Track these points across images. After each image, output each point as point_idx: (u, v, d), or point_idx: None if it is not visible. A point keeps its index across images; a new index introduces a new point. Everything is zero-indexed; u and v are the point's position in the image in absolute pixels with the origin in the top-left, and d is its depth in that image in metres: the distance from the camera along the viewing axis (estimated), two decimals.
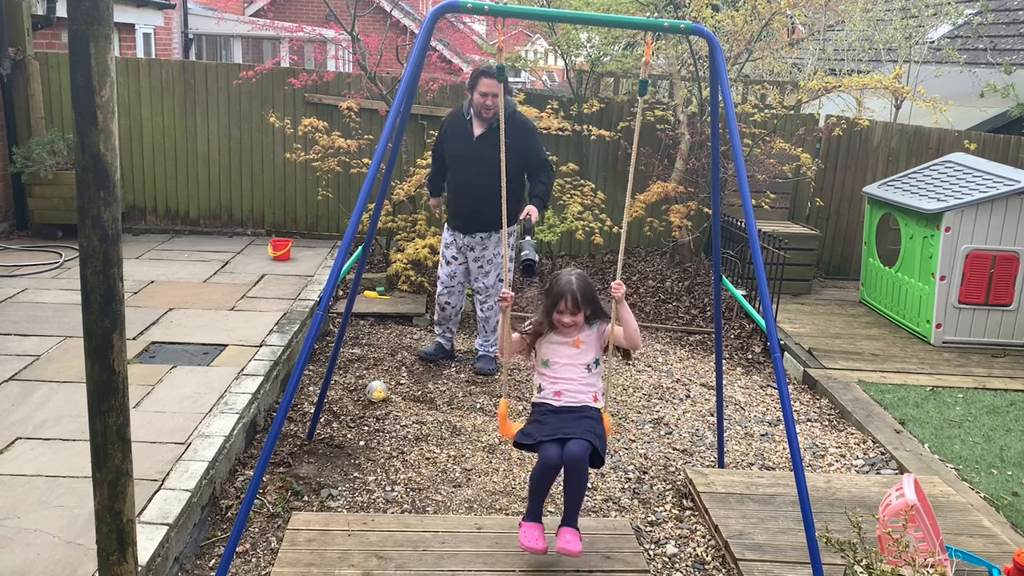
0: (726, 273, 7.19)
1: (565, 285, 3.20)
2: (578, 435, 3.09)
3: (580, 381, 3.28)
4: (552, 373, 3.29)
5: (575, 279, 3.23)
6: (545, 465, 3.10)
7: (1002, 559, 3.33)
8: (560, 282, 3.23)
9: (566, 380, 3.27)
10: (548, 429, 3.15)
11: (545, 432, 3.14)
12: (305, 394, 4.92)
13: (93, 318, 2.21)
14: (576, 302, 3.20)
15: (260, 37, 16.34)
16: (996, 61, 10.24)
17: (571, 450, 3.06)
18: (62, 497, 3.20)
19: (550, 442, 3.10)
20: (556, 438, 3.11)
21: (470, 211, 5.20)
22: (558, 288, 3.21)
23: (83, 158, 2.13)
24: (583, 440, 3.07)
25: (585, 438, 3.08)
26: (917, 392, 5.45)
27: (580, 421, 3.17)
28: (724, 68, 3.29)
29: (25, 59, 7.36)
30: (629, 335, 3.25)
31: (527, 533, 3.17)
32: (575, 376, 3.28)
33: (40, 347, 4.75)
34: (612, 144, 7.99)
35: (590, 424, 3.17)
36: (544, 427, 3.17)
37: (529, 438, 3.17)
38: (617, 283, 3.20)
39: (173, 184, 8.10)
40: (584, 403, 3.26)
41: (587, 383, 3.29)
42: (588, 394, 3.28)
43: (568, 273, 3.27)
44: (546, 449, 3.09)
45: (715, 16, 7.10)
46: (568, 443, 3.08)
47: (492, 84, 4.94)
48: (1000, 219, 6.22)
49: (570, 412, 3.22)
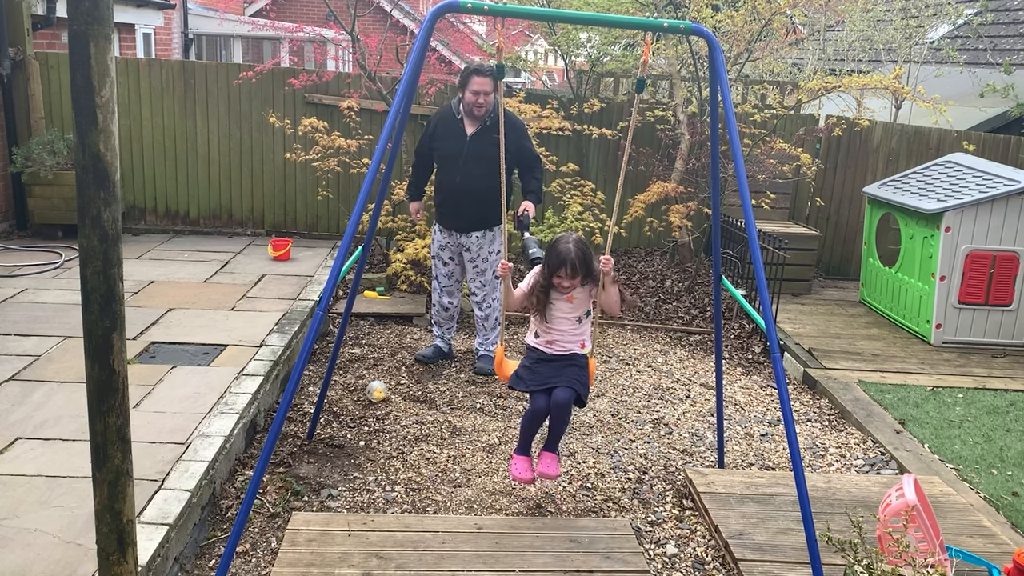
0: (726, 273, 7.19)
1: (565, 253, 3.45)
2: (564, 383, 3.53)
3: (570, 332, 3.62)
4: (546, 324, 3.61)
5: (573, 247, 3.47)
6: (535, 411, 3.60)
7: (1002, 559, 3.33)
8: (560, 250, 3.47)
9: (559, 331, 3.61)
10: (539, 378, 3.58)
11: (536, 380, 3.58)
12: (305, 394, 4.92)
13: (93, 318, 2.21)
14: (575, 268, 3.47)
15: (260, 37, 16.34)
16: (996, 61, 10.24)
17: (557, 397, 3.52)
18: (62, 497, 3.20)
19: (539, 391, 3.56)
20: (545, 388, 3.55)
21: (467, 211, 5.18)
22: (559, 255, 3.46)
23: (83, 158, 2.13)
24: (568, 388, 3.53)
25: (570, 386, 3.53)
26: (917, 392, 5.45)
27: (567, 369, 3.58)
28: (724, 68, 3.29)
29: (25, 59, 7.36)
30: (608, 303, 3.62)
31: (517, 465, 3.66)
32: (566, 328, 3.61)
33: (40, 347, 4.75)
34: (612, 144, 8.00)
35: (575, 372, 3.59)
36: (535, 375, 3.60)
37: (522, 383, 3.63)
38: (606, 258, 3.50)
39: (173, 184, 8.10)
40: (572, 351, 3.63)
41: (576, 332, 3.64)
42: (576, 342, 3.64)
43: (567, 240, 3.50)
44: (536, 398, 3.59)
45: (715, 16, 7.10)
46: (555, 391, 3.53)
47: (484, 82, 4.93)
48: (1000, 219, 6.22)
49: (559, 360, 3.61)
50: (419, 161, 5.42)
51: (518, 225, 4.85)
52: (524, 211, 4.91)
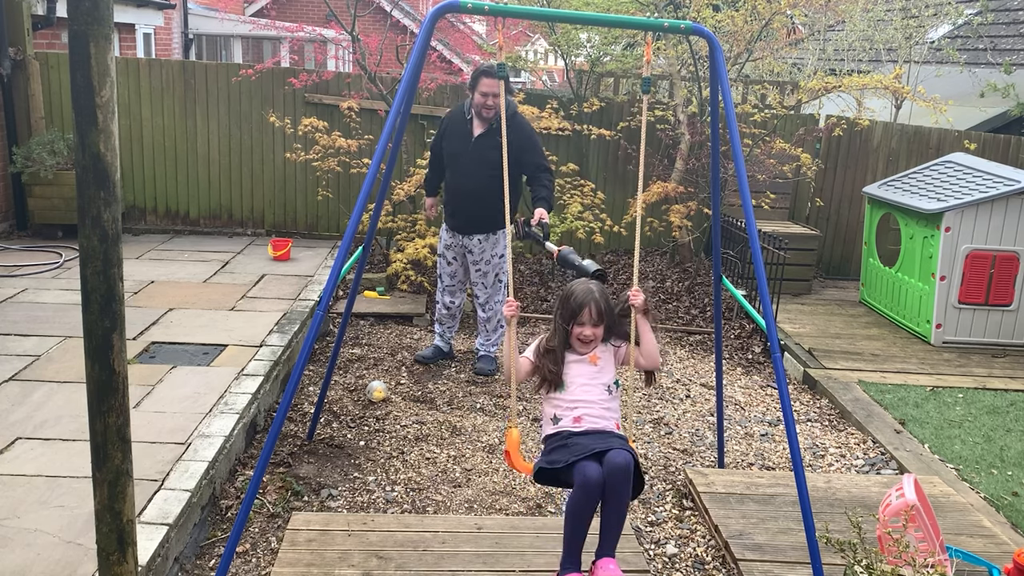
0: (726, 273, 7.19)
1: (586, 295, 2.87)
2: (617, 446, 2.72)
3: (601, 404, 2.86)
4: (569, 397, 2.86)
5: (595, 288, 2.91)
6: (586, 486, 2.65)
7: (1002, 559, 3.33)
8: (579, 292, 2.89)
9: (586, 403, 2.84)
10: (578, 448, 2.72)
11: (575, 452, 2.71)
12: (305, 394, 4.92)
13: (93, 318, 2.21)
14: (600, 313, 2.86)
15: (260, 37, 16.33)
16: (996, 61, 10.24)
17: (614, 459, 2.65)
18: (62, 497, 3.20)
19: (585, 459, 2.67)
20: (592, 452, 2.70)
21: (468, 212, 5.18)
22: (578, 299, 2.87)
23: (83, 158, 2.12)
24: (624, 451, 2.70)
25: (626, 448, 2.73)
26: (917, 392, 5.45)
27: (611, 439, 2.78)
28: (724, 68, 3.29)
29: (25, 59, 7.36)
30: (648, 352, 2.92)
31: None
32: (595, 399, 2.86)
33: (40, 347, 4.75)
34: (612, 144, 7.99)
35: (622, 442, 2.80)
36: (572, 447, 2.74)
37: (558, 462, 2.74)
38: (635, 290, 2.88)
39: (173, 184, 8.09)
40: (608, 429, 2.84)
41: (608, 407, 2.87)
42: (611, 420, 2.86)
43: (585, 282, 2.97)
44: (583, 467, 2.65)
45: (715, 16, 7.10)
46: (609, 453, 2.68)
47: (493, 84, 4.92)
48: (1000, 219, 6.22)
49: (596, 433, 2.80)
50: (433, 158, 5.45)
51: (525, 234, 4.46)
52: (540, 219, 4.62)
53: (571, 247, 3.73)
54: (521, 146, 5.04)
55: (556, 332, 2.91)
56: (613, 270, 7.76)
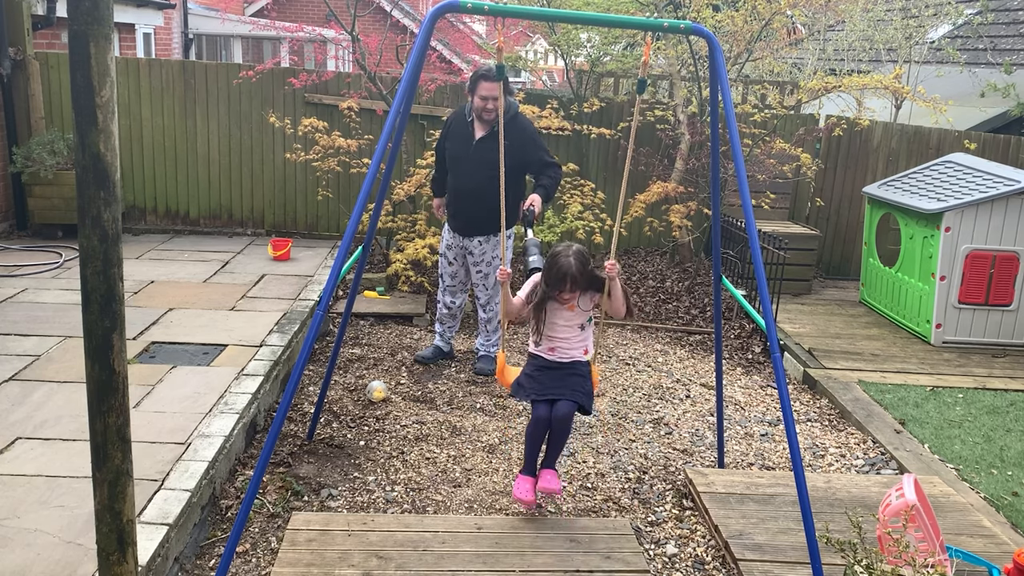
0: (726, 273, 7.19)
1: (565, 268, 3.42)
2: (566, 395, 3.50)
3: (573, 339, 3.60)
4: (548, 332, 3.58)
5: (574, 260, 3.43)
6: (537, 420, 3.53)
7: (1002, 559, 3.33)
8: (560, 264, 3.43)
9: (561, 339, 3.59)
10: (540, 387, 3.54)
11: (537, 389, 3.54)
12: (305, 394, 4.92)
13: (93, 318, 2.21)
14: (576, 283, 3.45)
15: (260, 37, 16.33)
16: (996, 61, 10.24)
17: (558, 410, 3.48)
18: (62, 497, 3.20)
19: (541, 401, 3.52)
20: (546, 398, 3.51)
21: (469, 215, 5.18)
22: (559, 271, 3.43)
23: (83, 158, 2.13)
24: (570, 401, 3.50)
25: (572, 399, 3.50)
26: (917, 392, 5.45)
27: (569, 379, 3.55)
28: (724, 68, 3.29)
29: (25, 59, 7.36)
30: (616, 308, 3.59)
31: (521, 485, 3.59)
32: (569, 335, 3.59)
33: (40, 347, 4.75)
34: (612, 144, 7.99)
35: (578, 381, 3.56)
36: (537, 384, 3.56)
37: (523, 392, 3.60)
38: (611, 263, 3.49)
39: (173, 184, 8.09)
40: (574, 358, 3.59)
41: (578, 340, 3.61)
42: (579, 349, 3.61)
43: (566, 254, 3.45)
44: (537, 408, 3.53)
45: (715, 16, 7.10)
46: (556, 404, 3.49)
47: (492, 87, 4.90)
48: (1000, 219, 6.22)
49: (561, 368, 3.58)
50: (438, 159, 5.45)
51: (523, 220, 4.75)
52: (530, 205, 4.82)
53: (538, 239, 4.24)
54: (524, 146, 5.03)
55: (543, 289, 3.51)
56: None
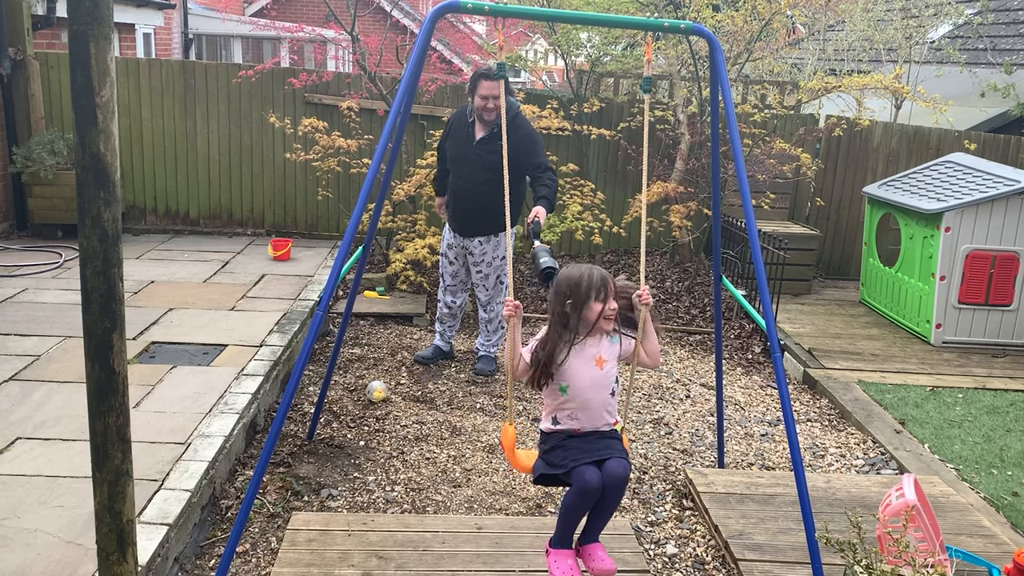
0: (726, 273, 7.19)
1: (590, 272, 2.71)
2: (615, 455, 2.76)
3: (603, 408, 2.82)
4: (573, 403, 2.79)
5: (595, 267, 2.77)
6: (585, 491, 2.71)
7: (1002, 559, 3.33)
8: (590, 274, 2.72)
9: (589, 412, 2.81)
10: (576, 453, 2.76)
11: (574, 456, 2.75)
12: (305, 394, 4.92)
13: (93, 318, 2.21)
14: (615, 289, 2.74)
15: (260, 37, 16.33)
16: (996, 61, 10.25)
17: (613, 470, 2.70)
18: (62, 497, 3.20)
19: (586, 465, 2.72)
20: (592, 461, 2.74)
21: (468, 215, 5.18)
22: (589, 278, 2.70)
23: (83, 158, 2.12)
24: (622, 459, 2.76)
25: (622, 457, 2.78)
26: (917, 392, 5.45)
27: (606, 441, 2.82)
28: (724, 68, 3.29)
29: (25, 59, 7.36)
30: (652, 351, 2.89)
31: (561, 564, 2.84)
32: (598, 404, 2.81)
33: (40, 347, 4.75)
34: (612, 144, 7.99)
35: (617, 444, 2.84)
36: (570, 451, 2.78)
37: (558, 467, 2.77)
38: (645, 289, 2.80)
39: (173, 184, 8.09)
40: (605, 426, 2.87)
41: (610, 409, 2.86)
42: (610, 420, 2.88)
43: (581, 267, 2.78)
44: (584, 473, 2.70)
45: (715, 16, 7.10)
46: (608, 463, 2.73)
47: (492, 87, 4.91)
48: (1000, 219, 6.22)
49: (592, 435, 2.83)
50: (440, 159, 5.46)
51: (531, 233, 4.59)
52: (535, 217, 4.67)
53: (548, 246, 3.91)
54: (522, 148, 5.03)
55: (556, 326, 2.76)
56: (613, 270, 7.76)
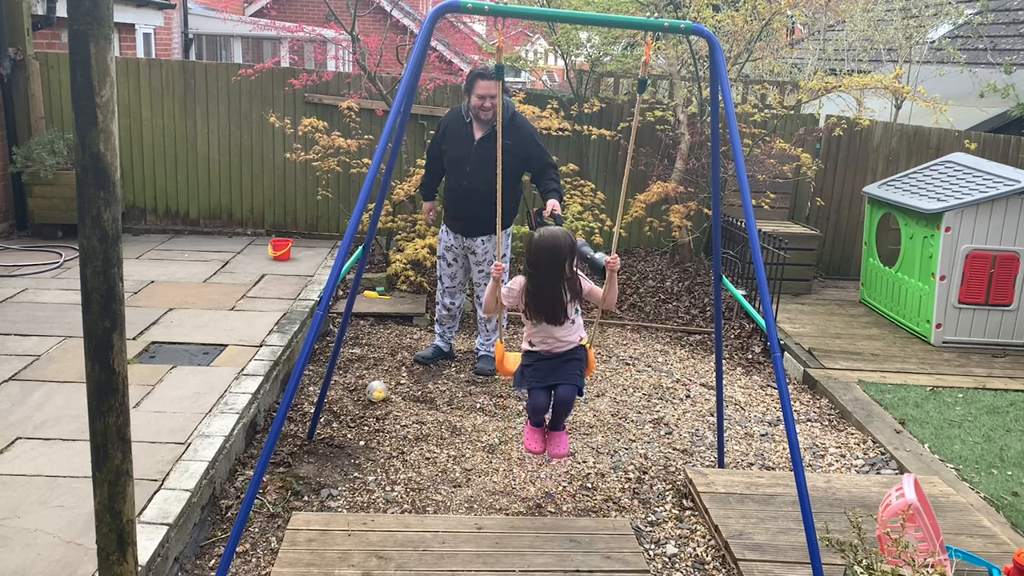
0: (726, 273, 7.19)
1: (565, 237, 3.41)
2: (567, 381, 3.53)
3: (566, 333, 3.56)
4: (541, 331, 3.55)
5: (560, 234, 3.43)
6: (535, 405, 3.60)
7: (1002, 559, 3.33)
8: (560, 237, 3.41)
9: (556, 339, 3.54)
10: (539, 375, 3.57)
11: (537, 377, 3.57)
12: (305, 394, 4.92)
13: (93, 318, 2.21)
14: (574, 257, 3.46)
15: (260, 37, 16.33)
16: (996, 61, 10.25)
17: (560, 394, 3.55)
18: (62, 497, 3.21)
19: (540, 389, 3.56)
20: (545, 385, 3.55)
21: (473, 215, 5.16)
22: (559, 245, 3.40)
23: (83, 158, 2.12)
24: (570, 385, 3.54)
25: (571, 383, 3.54)
26: (917, 392, 5.45)
27: (567, 365, 3.56)
28: (724, 68, 3.29)
29: (25, 59, 7.36)
30: (610, 298, 3.65)
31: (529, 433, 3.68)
32: (562, 331, 3.54)
33: (40, 347, 4.75)
34: (612, 144, 7.99)
35: (576, 366, 3.57)
36: (536, 373, 3.58)
37: (524, 382, 3.63)
38: (613, 256, 3.54)
39: (173, 184, 8.10)
40: (571, 345, 3.57)
41: (573, 331, 3.58)
42: (574, 338, 3.59)
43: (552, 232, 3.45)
44: (536, 395, 3.58)
45: (715, 16, 7.10)
46: (557, 389, 3.54)
47: (489, 86, 4.90)
48: (1000, 219, 6.22)
49: (558, 358, 3.56)
50: (429, 162, 5.43)
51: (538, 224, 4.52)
52: (552, 210, 4.72)
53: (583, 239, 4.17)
54: (525, 145, 5.03)
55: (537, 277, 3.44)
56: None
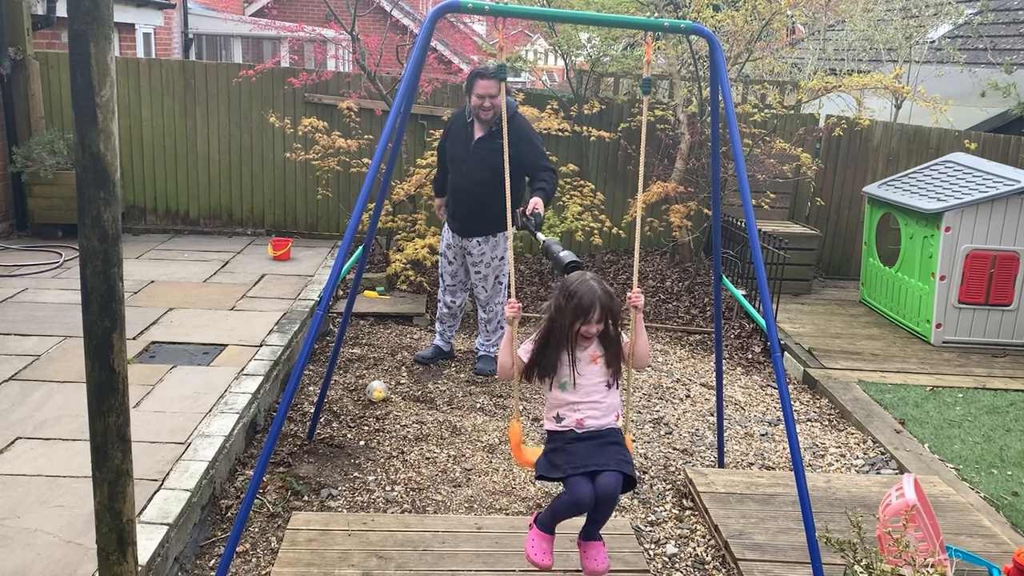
0: (726, 273, 7.19)
1: (591, 294, 2.83)
2: (611, 466, 2.84)
3: (602, 403, 2.94)
4: (573, 398, 2.91)
5: (597, 286, 2.86)
6: (579, 503, 2.85)
7: (1002, 559, 3.33)
8: (584, 292, 2.84)
9: (589, 404, 2.91)
10: (576, 460, 2.86)
11: (574, 463, 2.85)
12: (305, 394, 4.92)
13: (93, 318, 2.21)
14: (604, 312, 2.85)
15: (260, 37, 16.33)
16: (996, 61, 10.25)
17: (605, 485, 2.82)
18: (62, 497, 3.21)
19: (581, 476, 2.83)
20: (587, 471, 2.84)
21: (468, 215, 5.17)
22: (585, 299, 2.83)
23: (83, 158, 2.12)
24: (616, 472, 2.83)
25: (618, 469, 2.84)
26: (917, 392, 5.45)
27: (608, 448, 2.89)
28: (724, 68, 3.29)
29: (25, 59, 7.36)
30: (640, 352, 3.00)
31: (536, 544, 2.99)
32: (598, 398, 2.92)
33: (40, 347, 4.75)
34: (612, 145, 7.99)
35: (618, 451, 2.90)
36: (571, 457, 2.87)
37: (557, 470, 2.88)
38: (636, 291, 2.96)
39: (173, 184, 8.09)
40: (608, 426, 2.95)
41: (609, 403, 2.95)
42: (612, 415, 2.96)
43: (587, 279, 2.89)
44: (578, 485, 2.82)
45: (715, 16, 7.10)
46: (600, 476, 2.82)
47: (489, 85, 4.91)
48: (1000, 219, 6.22)
49: (595, 439, 2.91)
50: (439, 160, 5.46)
51: (522, 224, 4.46)
52: (534, 208, 4.56)
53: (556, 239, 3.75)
54: (520, 146, 5.03)
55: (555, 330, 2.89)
56: (613, 270, 7.76)
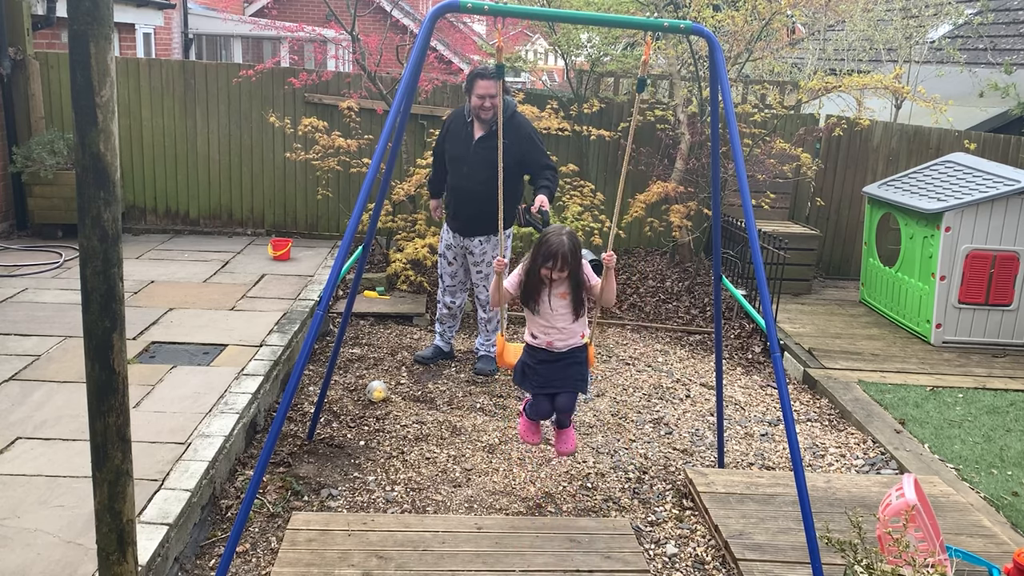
0: (726, 273, 7.19)
1: (557, 245, 3.41)
2: (568, 388, 3.60)
3: (568, 328, 3.57)
4: (544, 322, 3.55)
5: (566, 239, 3.43)
6: (540, 414, 3.69)
7: (1002, 559, 3.33)
8: (552, 241, 3.43)
9: (557, 329, 3.55)
10: (541, 379, 3.61)
11: (538, 382, 3.61)
12: (305, 394, 4.92)
13: (93, 318, 2.21)
14: (564, 261, 3.42)
15: (260, 37, 16.33)
16: (996, 61, 10.25)
17: (561, 402, 3.62)
18: (62, 497, 3.21)
19: (542, 395, 3.62)
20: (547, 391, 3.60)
21: (469, 214, 5.17)
22: (549, 247, 3.42)
23: (83, 158, 2.13)
24: (571, 392, 3.62)
25: (573, 389, 3.62)
26: (917, 392, 5.45)
27: (569, 370, 3.59)
28: (724, 68, 3.29)
29: (25, 59, 7.36)
30: (607, 296, 3.63)
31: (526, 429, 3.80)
32: (563, 324, 3.55)
33: (40, 347, 4.75)
34: (612, 145, 7.99)
35: (577, 370, 3.61)
36: (538, 377, 3.61)
37: (525, 383, 3.67)
38: (610, 254, 3.51)
39: (173, 184, 8.09)
40: (572, 347, 3.59)
41: (575, 329, 3.59)
42: (576, 336, 3.59)
43: (559, 232, 3.46)
44: (540, 402, 3.65)
45: (715, 16, 7.10)
46: (558, 397, 3.60)
47: (489, 86, 4.91)
48: (1000, 219, 6.22)
49: (561, 360, 3.59)
50: (436, 160, 5.45)
51: (526, 222, 4.62)
52: (540, 206, 4.70)
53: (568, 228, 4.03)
54: (523, 146, 5.03)
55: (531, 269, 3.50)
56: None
